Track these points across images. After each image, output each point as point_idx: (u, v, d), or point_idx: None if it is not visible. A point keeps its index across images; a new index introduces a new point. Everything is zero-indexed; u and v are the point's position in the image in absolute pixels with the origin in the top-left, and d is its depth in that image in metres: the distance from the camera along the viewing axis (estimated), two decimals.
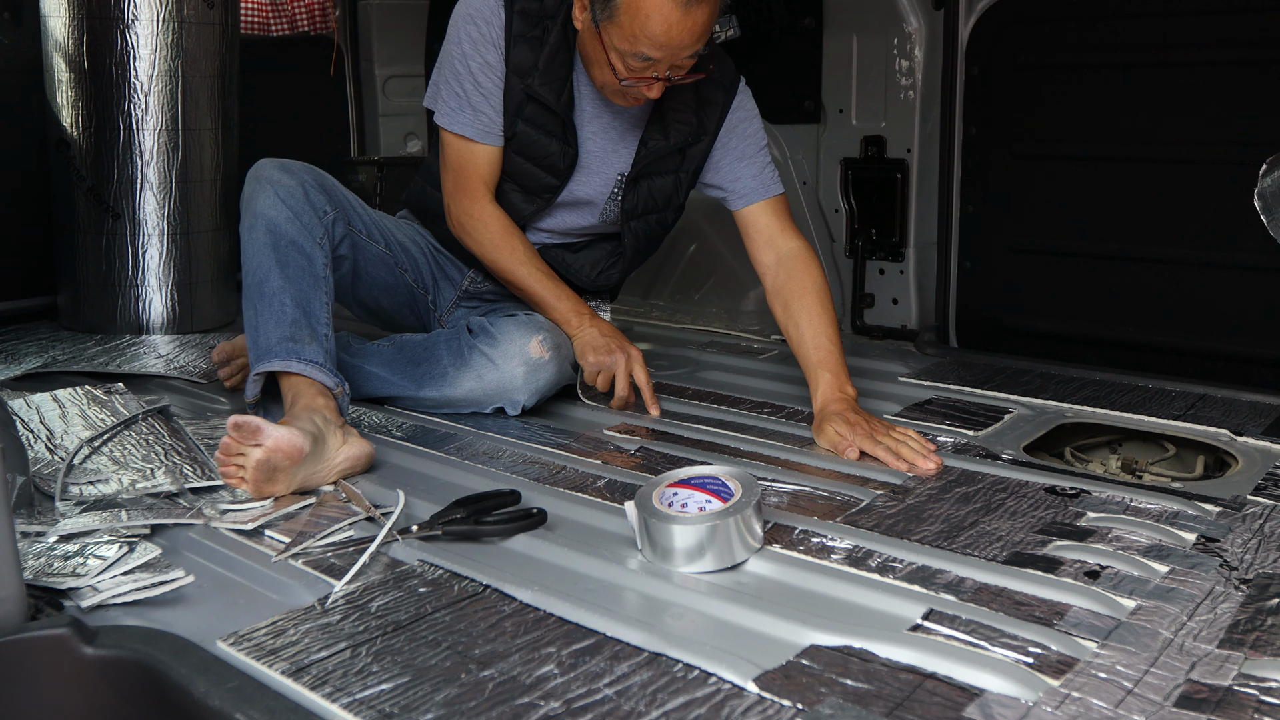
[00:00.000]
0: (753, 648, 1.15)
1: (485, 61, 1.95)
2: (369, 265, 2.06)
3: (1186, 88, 2.25)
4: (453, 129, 2.00)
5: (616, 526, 1.49)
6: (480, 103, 1.97)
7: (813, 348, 1.92)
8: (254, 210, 1.84)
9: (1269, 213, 2.09)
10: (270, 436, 1.54)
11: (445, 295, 2.21)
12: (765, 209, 2.04)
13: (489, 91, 1.97)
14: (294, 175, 1.87)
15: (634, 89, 1.84)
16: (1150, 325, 2.36)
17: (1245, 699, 1.06)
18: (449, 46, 1.99)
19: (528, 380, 1.95)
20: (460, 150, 2.01)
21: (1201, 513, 1.53)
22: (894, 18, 2.60)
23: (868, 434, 1.76)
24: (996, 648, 1.14)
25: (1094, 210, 2.41)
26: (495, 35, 1.94)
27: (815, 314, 1.94)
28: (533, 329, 1.96)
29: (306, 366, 1.74)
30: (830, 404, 1.85)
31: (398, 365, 2.04)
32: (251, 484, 1.55)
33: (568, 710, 1.03)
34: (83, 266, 2.64)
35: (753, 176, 2.05)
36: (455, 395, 1.98)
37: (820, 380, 1.89)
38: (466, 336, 2.00)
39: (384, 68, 3.54)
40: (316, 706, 1.05)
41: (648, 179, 2.06)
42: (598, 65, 1.86)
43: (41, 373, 2.31)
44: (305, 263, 1.82)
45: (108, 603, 1.25)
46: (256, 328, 1.77)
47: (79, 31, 2.52)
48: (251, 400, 1.80)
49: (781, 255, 2.01)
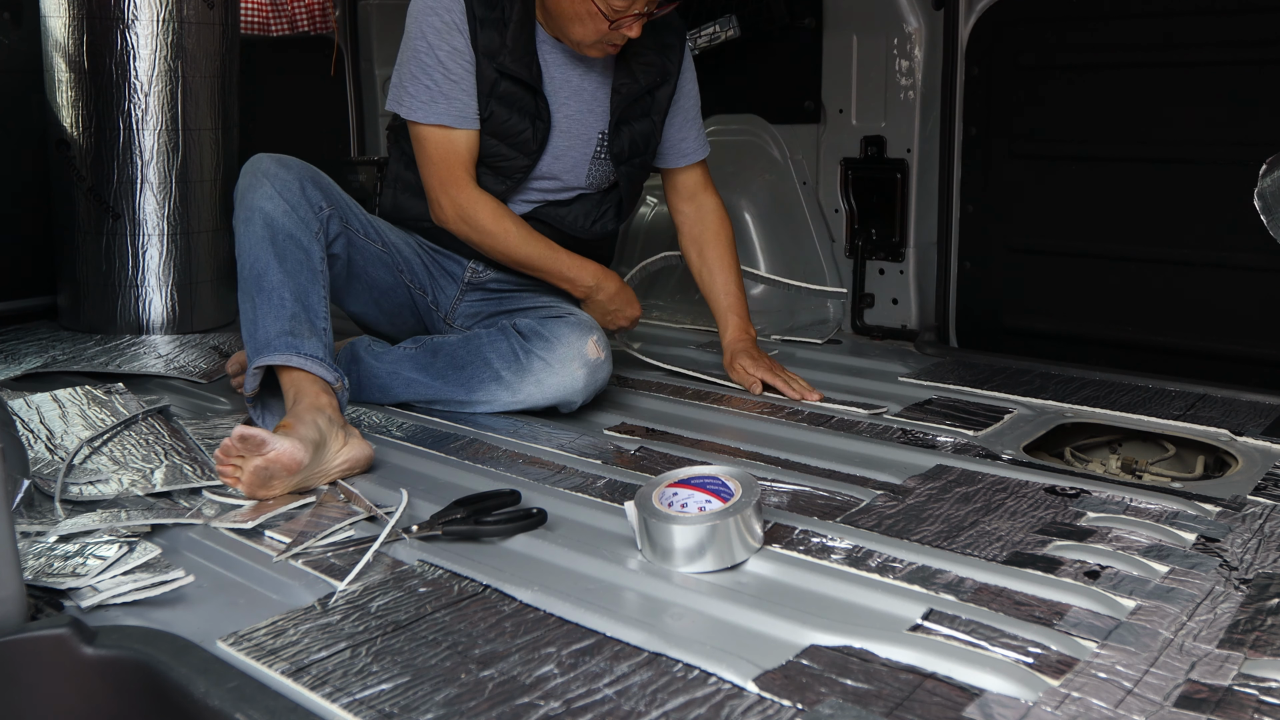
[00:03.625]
0: (753, 648, 1.15)
1: (453, 48, 1.97)
2: (367, 265, 2.06)
3: (1186, 88, 2.25)
4: (428, 120, 2.00)
5: (616, 526, 1.49)
6: (452, 89, 1.98)
7: (723, 293, 2.25)
8: (249, 204, 1.84)
9: (1269, 213, 2.09)
10: (273, 449, 1.54)
11: (447, 293, 2.21)
12: (696, 167, 2.28)
13: (459, 77, 1.98)
14: (291, 170, 1.87)
15: (617, 32, 1.90)
16: (1150, 325, 2.36)
17: (1245, 699, 1.06)
18: (410, 42, 2.00)
19: (588, 382, 1.96)
20: (439, 141, 2.01)
21: (1201, 513, 1.53)
22: (894, 18, 2.60)
23: (769, 369, 2.16)
24: (996, 648, 1.14)
25: (1094, 210, 2.41)
26: (459, 21, 1.97)
27: (727, 263, 2.26)
28: (586, 329, 1.97)
29: (307, 361, 1.74)
30: (737, 342, 2.23)
31: (437, 370, 2.02)
32: (246, 487, 1.56)
33: (568, 710, 1.04)
34: (83, 266, 2.64)
35: (694, 138, 2.26)
36: (512, 400, 1.98)
37: (729, 322, 2.24)
38: (518, 340, 1.98)
39: (384, 68, 3.53)
40: (316, 706, 1.05)
41: (628, 124, 2.12)
42: (578, 20, 1.90)
43: (41, 373, 2.31)
44: (303, 256, 1.82)
45: (108, 603, 1.25)
46: (255, 321, 1.78)
47: (79, 31, 2.52)
48: (251, 394, 1.79)
49: (700, 208, 2.28)
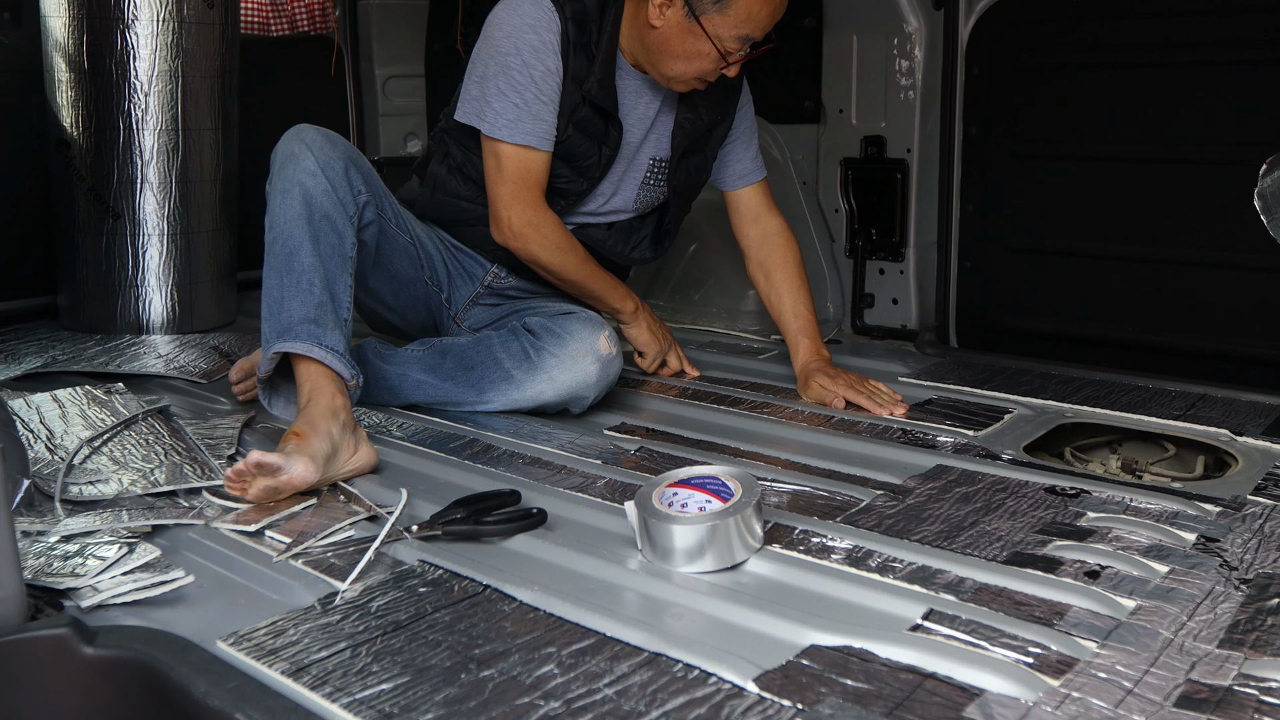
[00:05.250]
0: (753, 648, 1.15)
1: (548, 69, 1.96)
2: (393, 255, 2.06)
3: (1186, 88, 2.25)
4: (514, 140, 1.98)
5: (616, 526, 1.49)
6: (541, 110, 1.97)
7: (793, 316, 2.19)
8: (290, 175, 1.81)
9: (1269, 213, 2.09)
10: (286, 474, 1.53)
11: (462, 293, 2.21)
12: (756, 190, 2.27)
13: (550, 99, 1.98)
14: (337, 148, 1.86)
15: (718, 71, 1.95)
16: (1150, 325, 2.36)
17: (1245, 699, 1.06)
18: (503, 57, 1.95)
19: (600, 377, 1.96)
20: (521, 160, 2.00)
21: (1201, 513, 1.53)
22: (894, 18, 2.60)
23: (849, 385, 2.05)
24: (996, 648, 1.14)
25: (1094, 210, 2.40)
26: (555, 42, 1.96)
27: (795, 285, 2.21)
28: (598, 325, 1.97)
29: (328, 354, 1.72)
30: (811, 363, 2.14)
31: (446, 371, 2.01)
32: (253, 498, 1.55)
33: (568, 710, 1.04)
34: (83, 266, 2.64)
35: (751, 160, 2.26)
36: (523, 398, 1.98)
37: (801, 345, 2.17)
38: (528, 338, 1.98)
39: (384, 68, 3.54)
40: (316, 706, 1.05)
41: (687, 158, 2.15)
42: (685, 59, 1.93)
43: (41, 373, 2.31)
44: (336, 240, 1.81)
45: (108, 603, 1.25)
46: (280, 300, 1.75)
47: (79, 31, 2.52)
48: (264, 375, 1.77)
49: (765, 231, 2.25)
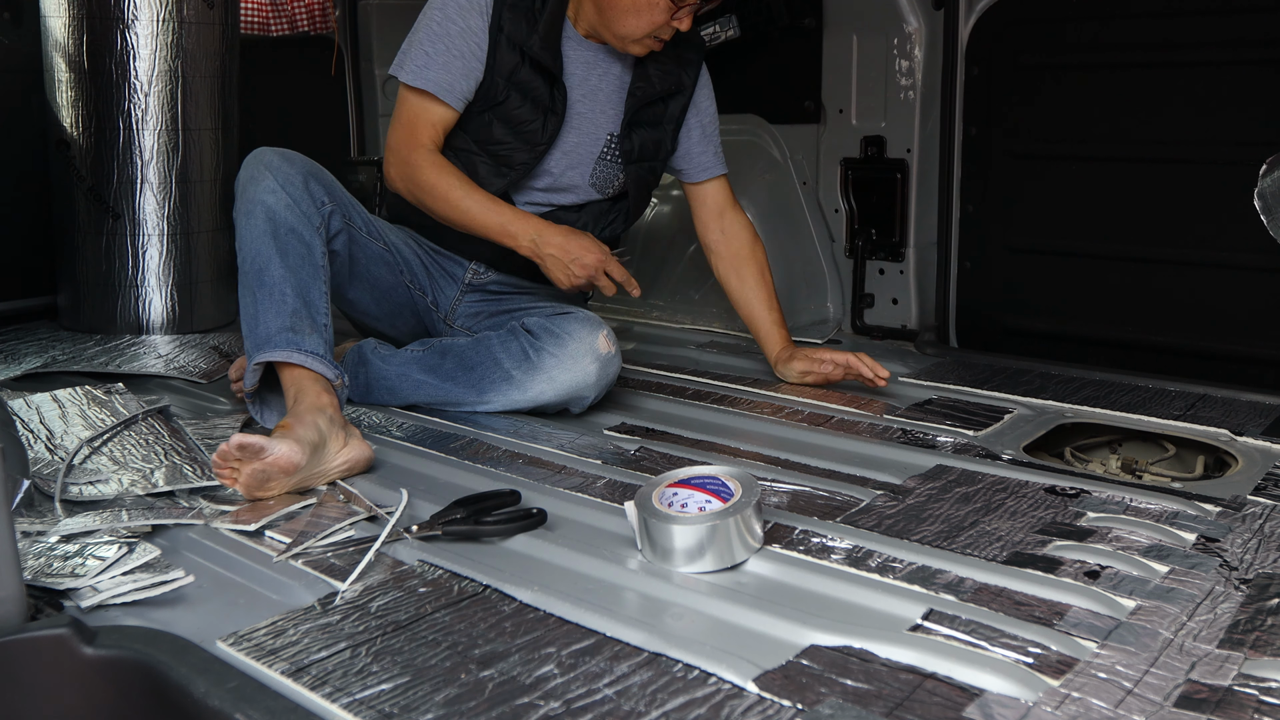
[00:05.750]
0: (753, 648, 1.15)
1: (467, 27, 1.99)
2: (369, 263, 2.06)
3: (1186, 88, 2.25)
4: (414, 84, 2.01)
5: (616, 526, 1.49)
6: (450, 63, 2.00)
7: (766, 310, 2.27)
8: (251, 196, 1.84)
9: (1269, 213, 2.09)
10: (270, 454, 1.54)
11: (447, 294, 2.21)
12: (719, 184, 2.29)
13: (462, 55, 2.00)
14: (294, 164, 1.88)
15: (669, 25, 1.95)
16: (1150, 325, 2.36)
17: (1245, 699, 1.06)
18: (429, 13, 2.02)
19: (600, 376, 1.96)
20: (415, 107, 2.03)
21: (1201, 513, 1.53)
22: (894, 18, 2.60)
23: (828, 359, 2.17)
24: (996, 648, 1.14)
25: (1094, 210, 2.40)
26: (484, 4, 2.00)
27: (763, 282, 2.28)
28: (596, 325, 1.98)
29: (308, 358, 1.73)
30: (784, 350, 2.25)
31: (446, 371, 2.02)
32: (244, 488, 1.56)
33: (568, 710, 1.04)
34: (83, 266, 2.64)
35: (713, 154, 2.28)
36: (523, 398, 1.98)
37: (776, 334, 2.27)
38: (527, 338, 1.98)
39: (384, 68, 3.53)
40: (316, 706, 1.05)
41: (639, 128, 2.15)
42: (635, 12, 1.94)
43: (41, 373, 2.31)
44: (305, 251, 1.82)
45: (108, 603, 1.25)
46: (255, 317, 1.77)
47: (79, 31, 2.52)
48: (250, 389, 1.79)
49: (731, 226, 2.29)
